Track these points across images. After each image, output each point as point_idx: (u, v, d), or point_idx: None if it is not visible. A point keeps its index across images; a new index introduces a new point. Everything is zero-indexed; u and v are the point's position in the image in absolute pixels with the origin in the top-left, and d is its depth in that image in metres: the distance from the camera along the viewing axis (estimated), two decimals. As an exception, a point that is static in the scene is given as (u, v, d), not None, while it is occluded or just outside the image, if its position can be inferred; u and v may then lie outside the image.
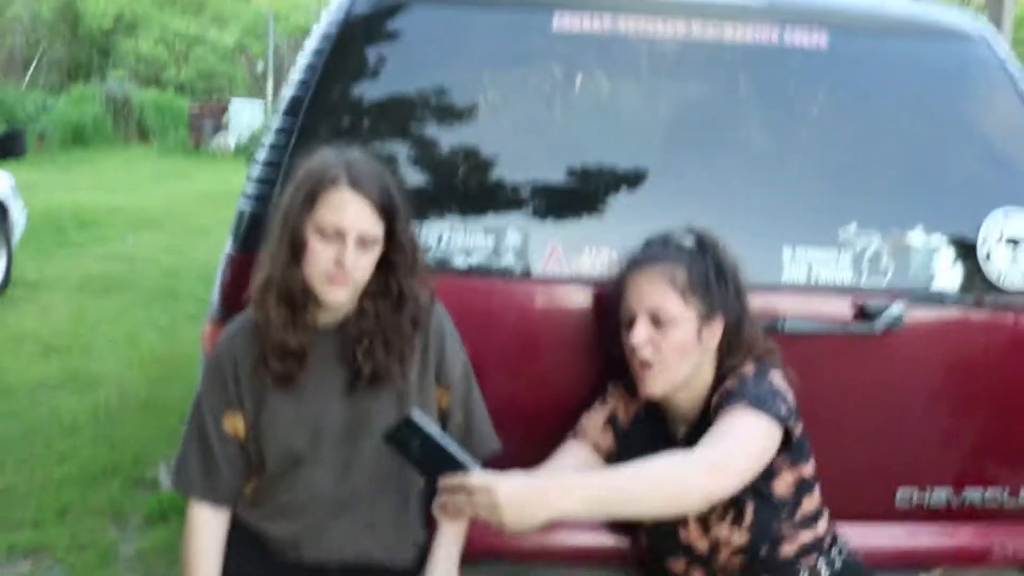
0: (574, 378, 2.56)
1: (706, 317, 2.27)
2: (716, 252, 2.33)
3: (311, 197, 2.14)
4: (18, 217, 8.87)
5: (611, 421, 2.44)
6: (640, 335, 2.25)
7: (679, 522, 2.31)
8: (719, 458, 2.06)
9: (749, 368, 2.28)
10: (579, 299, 2.55)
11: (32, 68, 30.99)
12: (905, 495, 2.67)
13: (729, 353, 2.32)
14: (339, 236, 2.12)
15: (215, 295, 2.63)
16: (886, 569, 2.64)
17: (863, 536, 2.59)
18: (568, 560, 2.66)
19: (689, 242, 2.34)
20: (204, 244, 11.55)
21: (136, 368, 6.64)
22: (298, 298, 2.18)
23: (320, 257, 2.12)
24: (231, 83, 32.84)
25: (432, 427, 1.89)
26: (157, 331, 7.61)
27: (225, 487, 2.30)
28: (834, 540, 2.39)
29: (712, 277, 2.28)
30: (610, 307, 2.40)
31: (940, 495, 2.69)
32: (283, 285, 2.16)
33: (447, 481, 1.86)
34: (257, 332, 2.23)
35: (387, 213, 2.17)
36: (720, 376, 2.31)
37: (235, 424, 2.28)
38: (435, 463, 1.89)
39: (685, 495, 2.00)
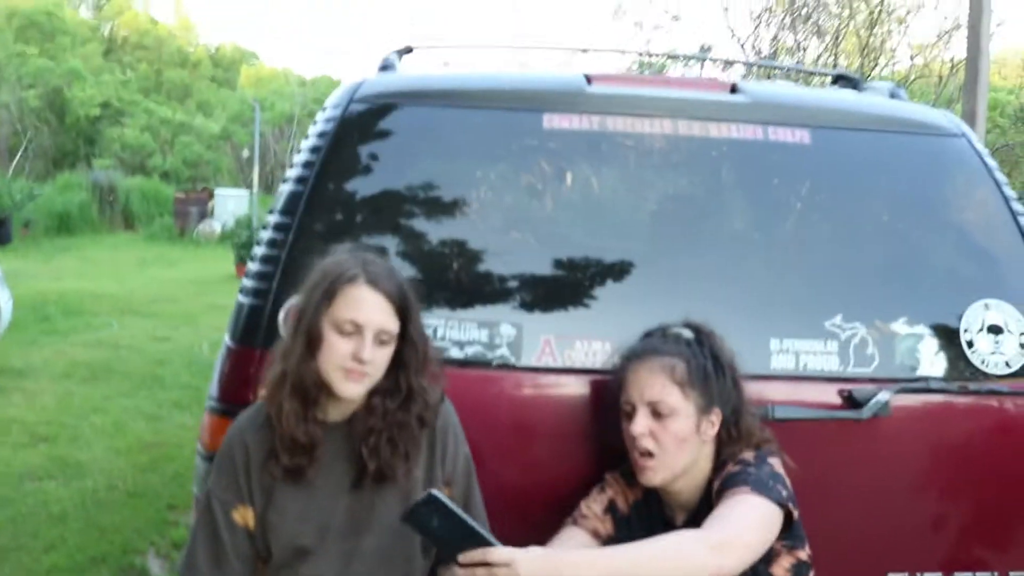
0: (569, 467, 2.59)
1: (704, 409, 2.34)
2: (713, 344, 2.41)
3: (329, 294, 2.19)
4: (4, 305, 8.87)
5: (610, 508, 2.47)
6: (640, 426, 2.31)
7: None
8: (725, 538, 2.11)
9: (749, 454, 2.34)
10: (571, 390, 2.59)
11: (18, 156, 31.13)
12: (896, 581, 2.70)
13: (728, 442, 2.38)
14: (358, 331, 2.17)
15: (213, 387, 2.66)
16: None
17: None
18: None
19: (687, 334, 2.42)
20: (190, 330, 11.55)
21: (123, 456, 6.61)
22: (311, 392, 2.21)
23: (337, 352, 2.17)
24: (216, 170, 33.04)
25: (453, 504, 1.93)
26: (144, 419, 7.58)
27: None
28: None
29: (710, 369, 2.36)
30: (609, 397, 2.45)
31: (930, 580, 2.73)
32: (297, 379, 2.20)
33: (468, 555, 1.90)
34: (268, 426, 2.26)
35: (402, 310, 2.22)
36: (719, 465, 2.36)
37: (245, 515, 2.29)
38: (456, 539, 1.93)
39: (693, 573, 2.05)
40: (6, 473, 6.16)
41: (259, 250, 2.68)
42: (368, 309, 2.18)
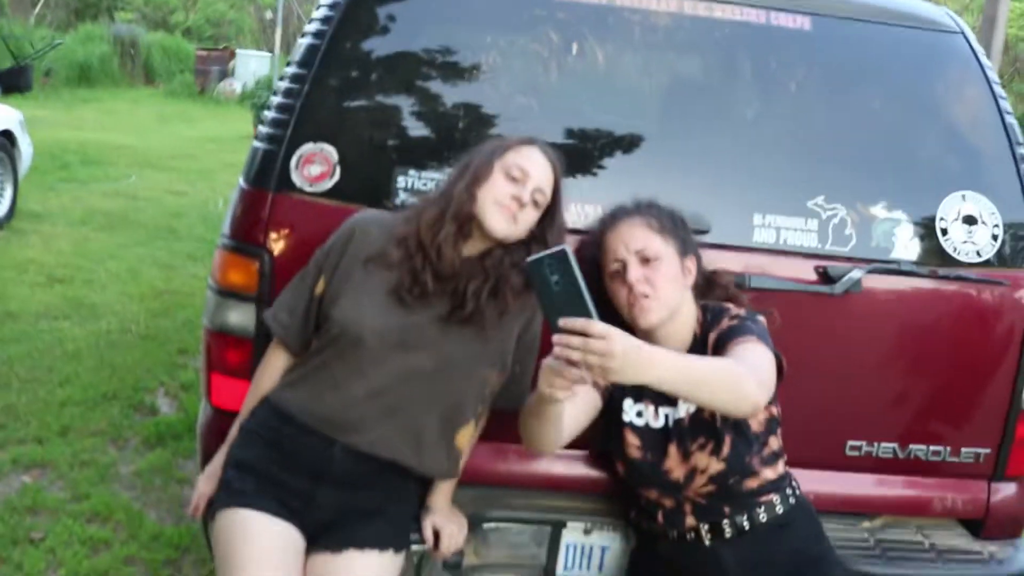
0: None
1: (682, 253, 2.53)
2: (669, 209, 2.60)
3: (504, 147, 2.46)
4: (25, 150, 9.02)
5: None
6: (635, 273, 2.48)
7: (662, 452, 2.55)
8: (759, 374, 2.32)
9: (741, 310, 2.54)
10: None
11: (40, 5, 30.90)
12: (855, 447, 2.88)
13: (706, 291, 2.61)
14: (523, 178, 2.43)
15: (225, 226, 2.81)
16: (833, 513, 2.87)
17: (813, 481, 2.80)
18: (542, 487, 2.87)
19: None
20: (206, 186, 11.70)
21: (137, 301, 6.83)
22: (465, 224, 2.44)
23: (500, 189, 2.42)
24: (239, 30, 32.80)
25: (578, 270, 1.98)
26: (158, 267, 7.79)
27: (298, 330, 2.55)
28: (789, 481, 2.61)
29: (678, 221, 2.57)
30: (588, 265, 2.59)
31: (887, 449, 2.91)
32: (458, 208, 2.43)
33: (570, 321, 1.96)
34: (404, 247, 2.46)
35: (556, 187, 2.49)
36: (704, 314, 2.57)
37: (320, 284, 2.53)
38: (562, 304, 1.97)
39: (742, 397, 2.21)
40: (23, 311, 6.39)
41: (275, 99, 2.81)
42: (536, 165, 2.45)
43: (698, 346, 2.54)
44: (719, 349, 2.45)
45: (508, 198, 2.41)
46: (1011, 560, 2.96)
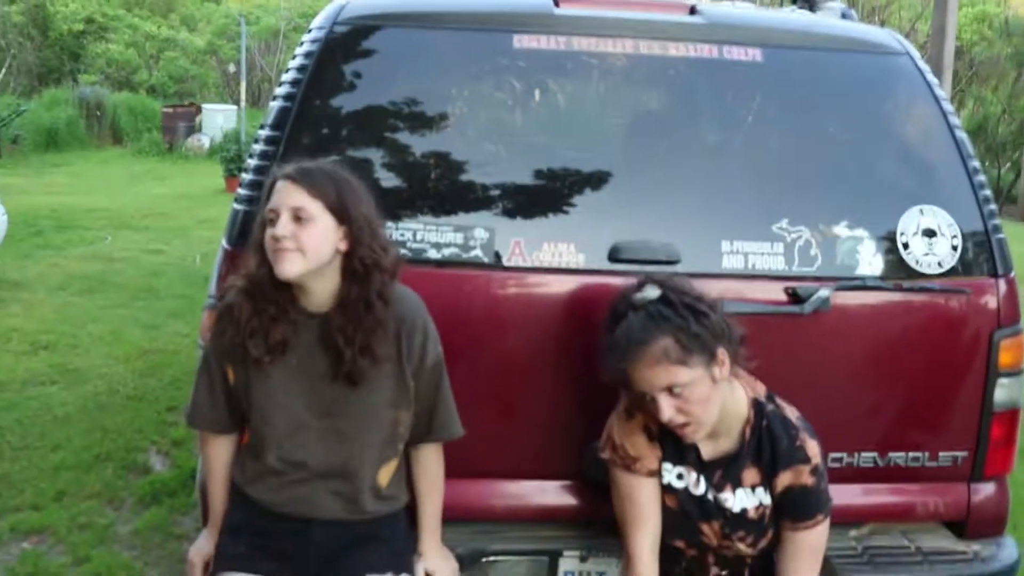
0: (534, 356, 2.85)
1: (710, 360, 2.41)
2: (683, 298, 2.45)
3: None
4: (0, 218, 9.03)
5: (648, 432, 2.62)
6: (667, 412, 2.40)
7: (702, 517, 2.62)
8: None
9: (798, 430, 2.59)
10: (539, 287, 2.84)
11: (3, 72, 30.91)
12: (836, 459, 2.96)
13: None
14: (275, 216, 2.43)
15: (212, 286, 2.90)
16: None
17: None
18: (537, 519, 2.96)
19: (652, 294, 2.45)
20: (182, 243, 11.71)
21: (122, 363, 6.86)
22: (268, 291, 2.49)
23: (266, 236, 2.43)
24: (203, 85, 32.84)
25: None
26: (141, 328, 7.81)
27: (227, 420, 2.64)
28: None
29: (695, 327, 2.40)
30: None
31: (868, 459, 3.00)
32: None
33: None
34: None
35: (331, 203, 2.44)
36: (755, 414, 2.58)
37: (230, 372, 2.60)
38: None
39: None
40: (10, 379, 6.42)
41: (251, 161, 2.91)
42: (282, 194, 2.44)
43: (745, 457, 2.56)
44: (794, 515, 2.58)
45: (271, 241, 2.40)
46: (995, 558, 3.05)
